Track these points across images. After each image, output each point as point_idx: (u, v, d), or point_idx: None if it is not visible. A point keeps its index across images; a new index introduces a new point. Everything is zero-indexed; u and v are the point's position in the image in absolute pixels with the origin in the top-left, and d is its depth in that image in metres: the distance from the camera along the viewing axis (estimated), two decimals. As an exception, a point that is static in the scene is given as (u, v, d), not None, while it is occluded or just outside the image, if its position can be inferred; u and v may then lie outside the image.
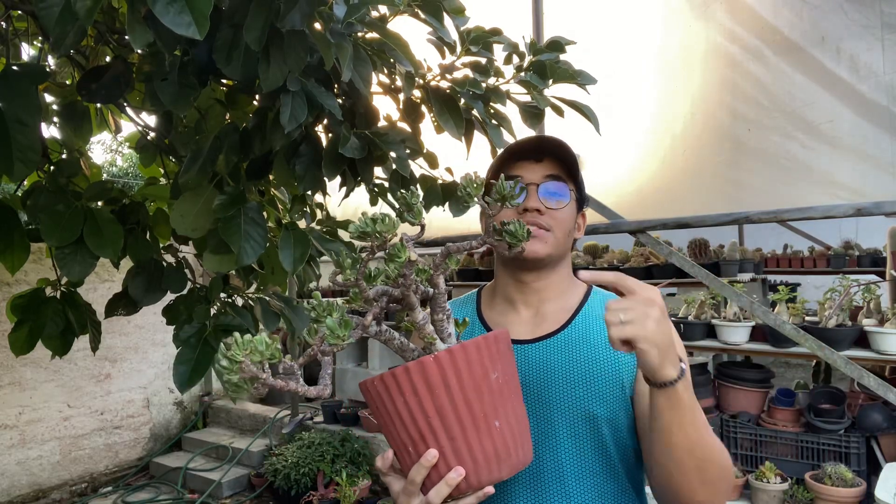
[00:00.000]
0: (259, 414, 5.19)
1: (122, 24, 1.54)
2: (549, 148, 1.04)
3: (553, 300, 1.08)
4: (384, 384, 0.79)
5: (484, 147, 1.54)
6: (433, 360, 0.77)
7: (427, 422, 0.78)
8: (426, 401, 0.77)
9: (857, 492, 2.59)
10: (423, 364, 0.77)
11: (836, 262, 5.29)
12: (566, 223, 1.04)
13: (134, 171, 10.37)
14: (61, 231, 1.32)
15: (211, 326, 1.43)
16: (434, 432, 0.78)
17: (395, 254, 0.81)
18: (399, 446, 0.82)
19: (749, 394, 3.15)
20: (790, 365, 6.92)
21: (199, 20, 0.82)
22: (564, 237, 1.05)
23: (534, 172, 1.04)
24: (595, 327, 1.04)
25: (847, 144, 2.57)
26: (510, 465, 0.81)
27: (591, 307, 1.08)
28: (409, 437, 0.79)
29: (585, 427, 0.98)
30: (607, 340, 0.99)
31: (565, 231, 1.05)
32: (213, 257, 1.39)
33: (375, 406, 0.83)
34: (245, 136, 1.36)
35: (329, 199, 1.70)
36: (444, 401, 0.77)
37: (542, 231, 1.02)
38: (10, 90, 1.07)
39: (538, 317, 1.07)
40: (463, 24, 1.39)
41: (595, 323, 1.05)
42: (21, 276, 4.01)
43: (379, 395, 0.81)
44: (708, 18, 2.93)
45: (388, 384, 0.79)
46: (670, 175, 3.06)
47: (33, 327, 1.51)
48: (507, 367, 0.85)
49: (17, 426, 4.32)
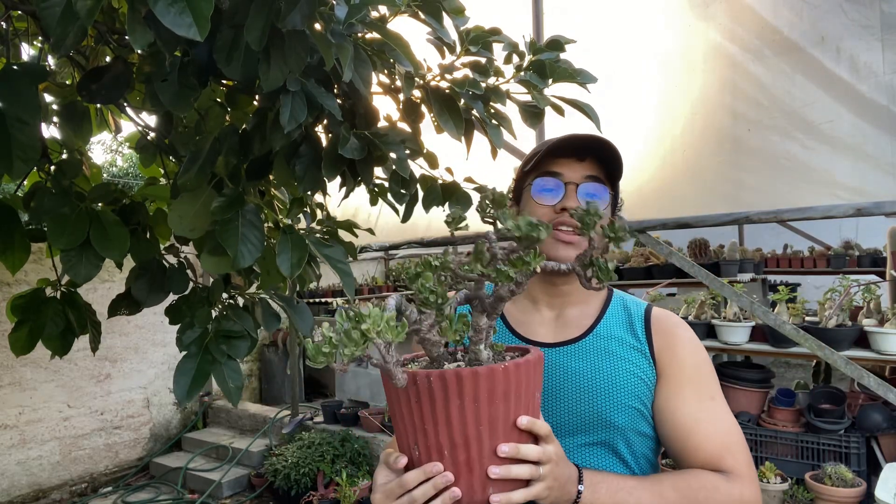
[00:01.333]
0: (259, 414, 5.19)
1: (122, 24, 1.54)
2: (594, 147, 0.99)
3: (576, 304, 1.07)
4: (443, 382, 0.74)
5: (484, 147, 1.54)
6: (503, 370, 0.74)
7: (477, 430, 0.74)
8: (483, 408, 0.74)
9: (857, 492, 2.59)
10: (493, 372, 0.74)
11: (836, 262, 5.29)
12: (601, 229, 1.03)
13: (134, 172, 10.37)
14: (67, 234, 1.32)
15: (212, 332, 1.44)
16: (480, 441, 0.75)
17: (524, 261, 0.76)
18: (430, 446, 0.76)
19: (749, 394, 3.15)
20: (790, 365, 6.92)
21: (199, 21, 0.82)
22: (598, 242, 1.03)
23: (574, 171, 1.00)
24: (615, 336, 1.03)
25: (847, 144, 2.57)
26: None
27: (612, 313, 1.06)
28: (450, 440, 0.75)
29: (603, 435, 0.98)
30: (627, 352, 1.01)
31: (600, 236, 1.02)
32: (210, 258, 1.39)
33: (416, 401, 0.76)
34: (245, 137, 1.36)
35: (329, 199, 1.70)
36: (499, 411, 0.75)
37: (576, 236, 0.98)
38: (10, 89, 1.07)
39: (560, 319, 1.06)
40: (463, 24, 1.39)
41: (615, 331, 1.03)
42: (21, 276, 4.01)
43: (430, 392, 0.75)
44: (708, 18, 2.92)
45: (448, 384, 0.74)
46: (670, 175, 3.06)
47: (33, 327, 1.51)
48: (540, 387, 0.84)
49: (17, 426, 4.32)
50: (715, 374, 1.03)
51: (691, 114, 2.98)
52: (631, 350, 1.01)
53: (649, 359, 1.00)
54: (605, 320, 1.05)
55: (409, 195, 1.58)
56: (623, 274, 4.25)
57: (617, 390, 0.98)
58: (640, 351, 1.01)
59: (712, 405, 0.98)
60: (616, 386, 0.98)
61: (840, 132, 2.58)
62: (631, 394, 0.98)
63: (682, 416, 0.96)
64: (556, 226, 0.98)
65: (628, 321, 1.05)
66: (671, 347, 1.00)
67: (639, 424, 0.99)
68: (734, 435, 0.98)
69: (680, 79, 3.03)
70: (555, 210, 0.99)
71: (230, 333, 1.44)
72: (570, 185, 0.99)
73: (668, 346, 1.00)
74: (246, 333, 1.47)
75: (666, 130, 3.07)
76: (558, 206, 0.98)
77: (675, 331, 1.03)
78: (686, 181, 3.02)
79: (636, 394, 0.98)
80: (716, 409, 0.98)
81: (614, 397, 0.97)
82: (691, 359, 1.00)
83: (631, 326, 1.04)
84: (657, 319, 1.04)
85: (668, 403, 0.98)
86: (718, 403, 0.99)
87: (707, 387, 0.99)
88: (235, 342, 1.45)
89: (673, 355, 1.00)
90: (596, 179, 1.00)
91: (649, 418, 1.00)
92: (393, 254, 7.47)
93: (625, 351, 1.01)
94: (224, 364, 1.40)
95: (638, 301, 1.10)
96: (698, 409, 0.96)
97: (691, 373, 0.99)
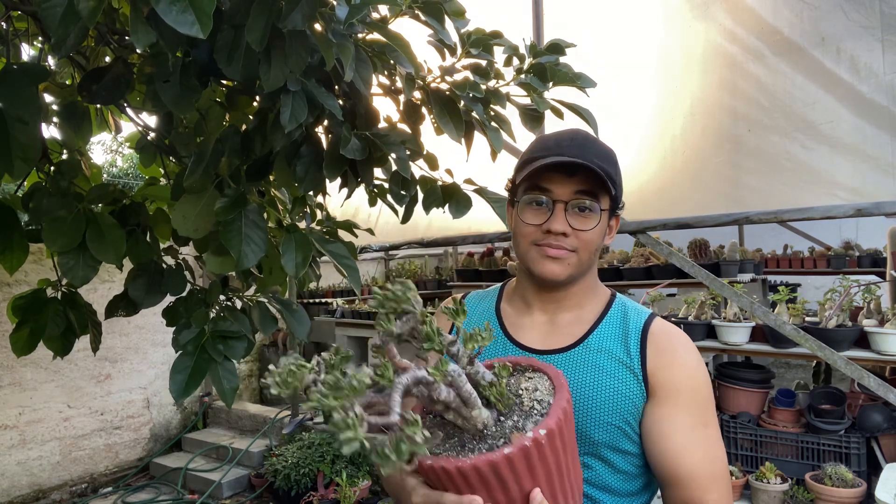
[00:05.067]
0: (259, 414, 5.19)
1: (122, 24, 1.54)
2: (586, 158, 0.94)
3: (571, 309, 1.03)
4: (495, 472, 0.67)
5: (484, 148, 1.54)
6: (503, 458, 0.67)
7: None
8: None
9: (857, 492, 2.59)
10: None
11: (836, 262, 5.30)
12: (593, 243, 0.97)
13: (134, 172, 10.37)
14: (63, 237, 1.32)
15: (209, 332, 1.43)
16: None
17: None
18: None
19: (749, 394, 3.14)
20: (790, 365, 6.92)
21: (202, 19, 0.82)
22: (589, 257, 0.99)
23: (564, 188, 0.95)
24: (606, 349, 0.99)
25: (847, 144, 2.57)
26: None
27: (608, 323, 1.02)
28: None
29: (582, 448, 0.94)
30: (615, 368, 0.97)
31: (591, 251, 0.98)
32: (214, 259, 1.39)
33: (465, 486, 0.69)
34: (246, 138, 1.36)
35: (329, 199, 1.70)
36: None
37: (564, 251, 0.95)
38: (10, 89, 1.07)
39: (552, 325, 1.03)
40: (463, 27, 1.39)
41: (606, 343, 0.99)
42: (21, 276, 4.01)
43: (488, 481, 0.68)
44: (708, 19, 2.93)
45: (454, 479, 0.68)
46: (670, 175, 3.06)
47: (34, 328, 1.51)
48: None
49: (18, 426, 4.32)
50: (712, 397, 0.99)
51: (691, 114, 2.99)
52: (619, 366, 0.97)
53: (639, 376, 0.96)
54: (598, 330, 1.01)
55: (409, 196, 1.58)
56: (623, 274, 4.25)
57: (597, 407, 0.94)
58: (629, 368, 0.97)
59: (705, 433, 0.94)
60: (597, 402, 0.94)
61: (840, 132, 2.58)
62: (612, 411, 0.94)
63: (674, 443, 0.93)
64: (544, 244, 0.97)
65: (624, 334, 1.00)
66: (668, 368, 0.96)
67: (619, 442, 0.95)
68: (722, 466, 0.96)
69: (680, 79, 3.03)
70: (541, 231, 0.97)
71: (227, 334, 1.44)
72: (558, 205, 0.95)
73: (664, 366, 0.96)
74: (243, 334, 1.47)
75: (666, 130, 3.08)
76: (544, 228, 0.96)
77: (675, 351, 0.98)
78: (686, 181, 3.02)
79: (618, 411, 0.94)
80: (709, 438, 0.95)
81: (593, 413, 0.94)
82: (688, 382, 0.96)
83: (625, 340, 0.99)
84: (655, 335, 0.99)
85: (659, 426, 0.94)
86: (711, 431, 0.96)
87: (702, 413, 0.95)
88: (232, 343, 1.45)
89: (668, 376, 0.95)
90: (587, 194, 0.96)
91: (633, 436, 0.96)
92: (393, 254, 7.47)
93: (613, 366, 0.97)
94: (221, 364, 1.40)
95: (640, 310, 1.05)
96: (690, 437, 0.93)
97: (687, 397, 0.95)
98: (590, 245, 0.97)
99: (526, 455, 0.67)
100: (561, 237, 0.95)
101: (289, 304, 1.67)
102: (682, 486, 0.92)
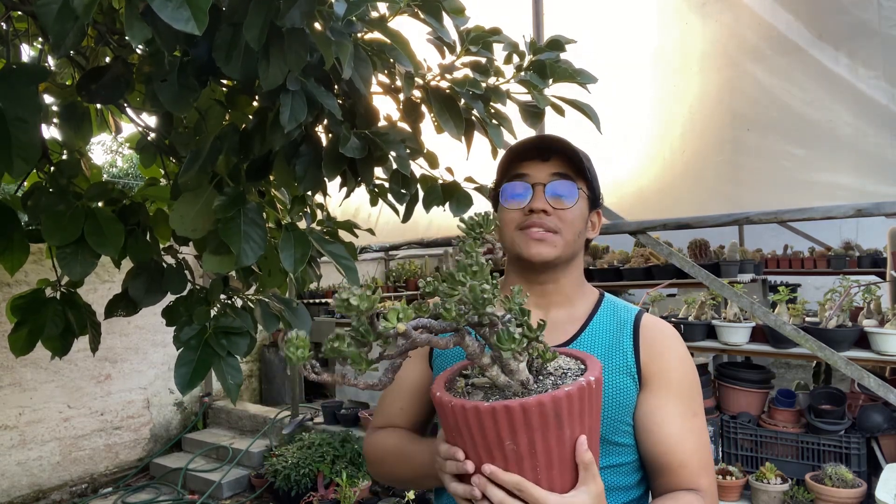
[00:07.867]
0: (259, 415, 5.19)
1: (122, 24, 1.53)
2: (555, 146, 1.02)
3: (562, 306, 1.06)
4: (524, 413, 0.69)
5: (484, 147, 1.54)
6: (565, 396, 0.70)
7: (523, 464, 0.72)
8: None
9: (857, 492, 2.58)
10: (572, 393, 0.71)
11: (836, 262, 5.29)
12: (575, 224, 1.01)
13: (134, 172, 10.36)
14: (62, 231, 1.31)
15: (211, 328, 1.43)
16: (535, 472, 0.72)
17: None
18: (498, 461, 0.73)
19: (749, 394, 3.14)
20: (790, 366, 6.91)
21: (197, 15, 0.81)
22: (574, 238, 1.02)
23: (540, 171, 1.01)
24: (600, 345, 1.01)
25: (847, 144, 2.57)
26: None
27: (600, 320, 1.05)
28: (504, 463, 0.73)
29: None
30: (608, 362, 0.99)
31: (574, 232, 1.01)
32: (212, 258, 1.39)
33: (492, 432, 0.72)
34: (245, 137, 1.35)
35: (329, 199, 1.70)
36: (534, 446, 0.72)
37: (549, 234, 0.99)
38: (10, 89, 1.07)
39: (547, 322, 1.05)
40: (463, 24, 1.39)
41: (599, 339, 1.02)
42: (21, 276, 4.01)
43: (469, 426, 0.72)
44: (706, 18, 2.93)
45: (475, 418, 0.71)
46: (670, 175, 3.06)
47: (33, 328, 1.51)
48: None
49: (18, 427, 4.32)
50: (700, 389, 1.03)
51: (690, 114, 2.98)
52: (613, 360, 1.00)
53: (632, 369, 0.99)
54: (591, 327, 1.04)
55: (410, 195, 1.58)
56: (623, 274, 4.25)
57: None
58: (623, 362, 1.00)
59: (695, 422, 0.98)
60: None
61: (840, 132, 2.58)
62: (608, 405, 0.96)
63: (668, 433, 0.96)
64: (528, 227, 1.00)
65: (615, 329, 1.03)
66: (659, 358, 1.00)
67: (614, 435, 0.97)
68: (709, 454, 1.00)
69: (679, 78, 3.03)
70: (524, 213, 1.01)
71: (230, 330, 1.44)
72: (537, 186, 1.00)
73: (656, 357, 1.00)
74: (245, 330, 1.46)
75: (666, 130, 3.08)
76: (526, 209, 1.00)
77: (665, 342, 1.02)
78: (686, 181, 3.02)
79: (613, 405, 0.97)
80: (698, 427, 0.99)
81: None
82: (679, 372, 1.00)
83: (618, 335, 1.02)
84: (647, 329, 1.03)
85: (652, 416, 0.97)
86: (700, 420, 1.00)
87: (692, 403, 0.99)
88: (235, 338, 1.44)
89: (660, 367, 0.99)
90: (563, 176, 1.01)
91: (627, 428, 0.99)
92: (393, 254, 7.47)
93: (607, 361, 0.99)
94: (224, 360, 1.40)
95: (629, 307, 1.08)
96: (682, 426, 0.96)
97: (678, 387, 0.99)
98: (573, 225, 1.01)
99: (581, 396, 0.72)
100: (542, 215, 0.99)
101: (289, 303, 1.67)
102: (675, 473, 0.95)
